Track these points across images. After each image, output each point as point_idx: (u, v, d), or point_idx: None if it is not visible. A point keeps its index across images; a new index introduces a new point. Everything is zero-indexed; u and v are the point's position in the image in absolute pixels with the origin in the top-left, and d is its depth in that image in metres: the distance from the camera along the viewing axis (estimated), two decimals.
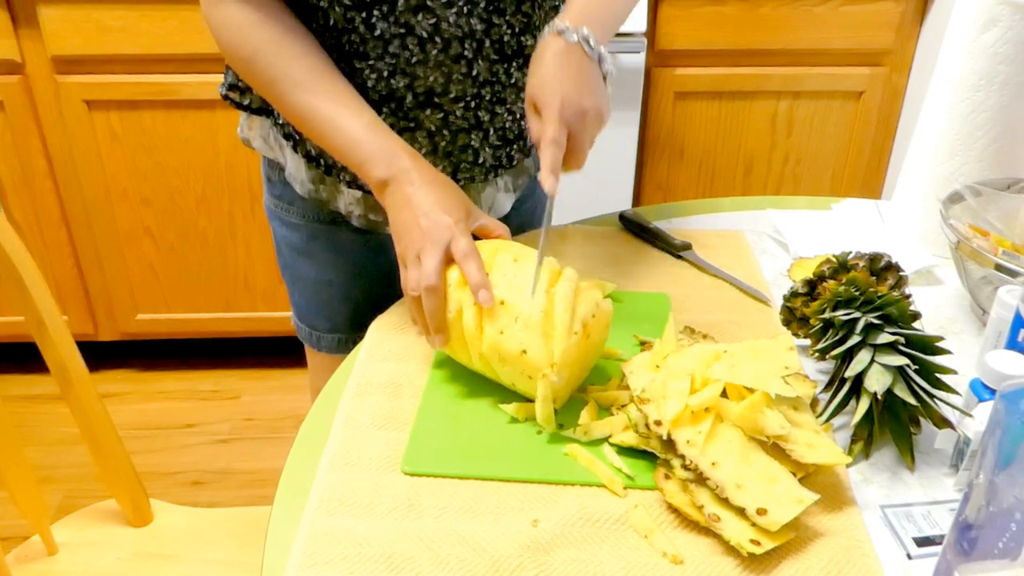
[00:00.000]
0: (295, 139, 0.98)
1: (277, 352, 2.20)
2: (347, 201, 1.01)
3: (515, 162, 1.04)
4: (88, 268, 1.99)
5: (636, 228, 1.10)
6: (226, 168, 1.90)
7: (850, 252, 0.87)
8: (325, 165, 0.99)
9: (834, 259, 0.86)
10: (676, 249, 1.05)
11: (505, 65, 0.94)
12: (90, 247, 1.97)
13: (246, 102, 1.00)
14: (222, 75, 1.03)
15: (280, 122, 0.99)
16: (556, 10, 0.99)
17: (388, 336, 0.92)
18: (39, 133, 1.83)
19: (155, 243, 1.98)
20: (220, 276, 2.03)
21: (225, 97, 1.01)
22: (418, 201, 0.82)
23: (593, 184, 1.91)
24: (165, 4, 1.70)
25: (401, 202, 0.83)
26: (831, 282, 0.84)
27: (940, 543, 0.67)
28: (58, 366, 1.03)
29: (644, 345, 0.88)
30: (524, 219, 1.14)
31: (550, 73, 0.82)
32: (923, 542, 0.68)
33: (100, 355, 2.15)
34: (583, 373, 0.83)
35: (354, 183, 0.99)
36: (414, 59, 0.90)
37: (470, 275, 0.78)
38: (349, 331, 1.12)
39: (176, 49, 1.74)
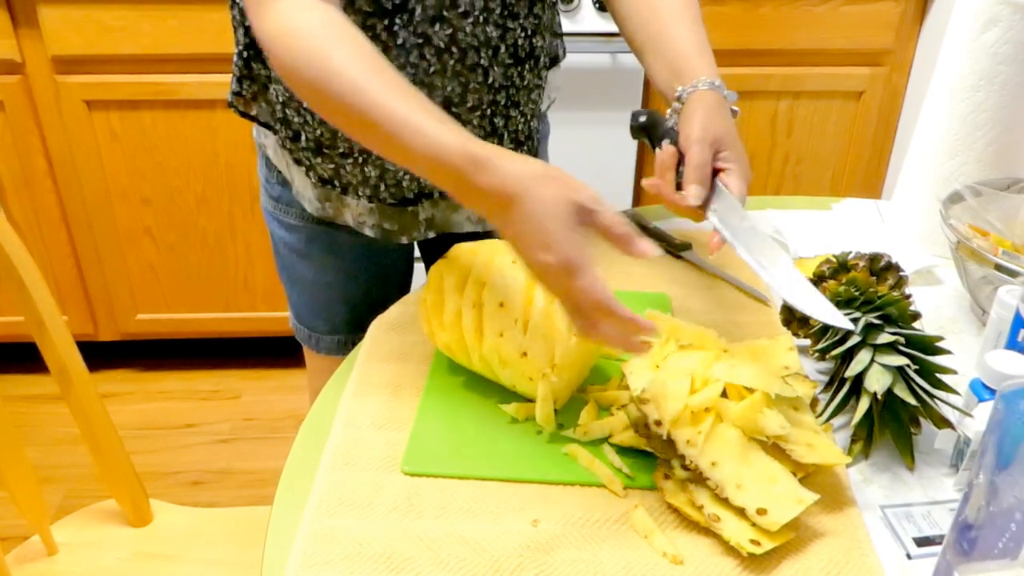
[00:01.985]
0: (307, 164, 0.97)
1: (277, 352, 2.20)
2: (357, 213, 1.00)
3: None
4: (88, 268, 1.99)
5: (636, 228, 1.10)
6: (226, 168, 1.90)
7: (850, 252, 0.87)
8: (340, 186, 0.98)
9: (834, 259, 0.86)
10: (676, 249, 1.05)
11: (519, 68, 0.94)
12: (90, 247, 1.97)
13: (253, 112, 0.99)
14: (222, 75, 1.02)
15: (287, 147, 0.98)
16: (554, 6, 0.99)
17: (388, 336, 0.92)
18: (39, 133, 1.83)
19: (155, 243, 1.98)
20: (220, 276, 2.03)
21: (231, 105, 1.00)
22: (517, 230, 0.68)
23: (593, 184, 1.91)
24: (165, 4, 1.70)
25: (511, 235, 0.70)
26: (831, 282, 0.84)
27: (940, 543, 0.67)
28: (58, 366, 1.03)
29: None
30: None
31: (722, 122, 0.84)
32: (923, 542, 0.68)
33: (100, 355, 2.15)
34: (583, 373, 0.83)
35: (374, 197, 0.98)
36: (432, 69, 0.89)
37: (615, 238, 0.67)
38: (348, 332, 1.12)
39: (176, 49, 1.74)
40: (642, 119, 0.89)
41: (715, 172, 0.81)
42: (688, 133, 0.81)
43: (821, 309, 0.72)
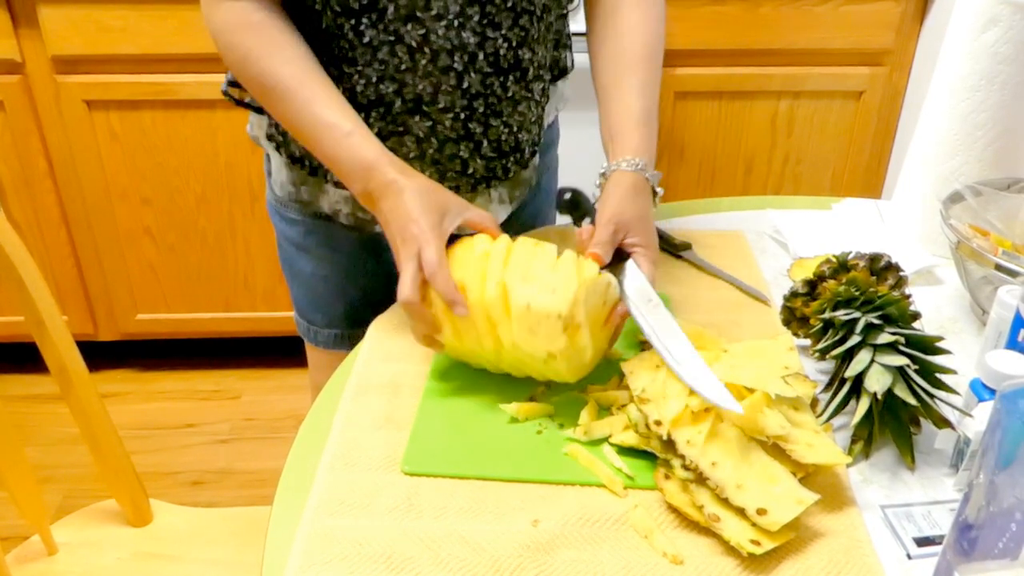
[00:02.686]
0: (278, 141, 0.99)
1: (277, 352, 2.20)
2: (332, 200, 1.02)
3: (511, 174, 1.03)
4: (88, 268, 1.99)
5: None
6: (226, 168, 1.90)
7: (850, 252, 0.87)
8: (310, 166, 0.99)
9: (834, 259, 0.86)
10: (676, 249, 1.05)
11: (501, 78, 0.94)
12: (90, 247, 1.97)
13: (246, 99, 1.01)
14: (222, 75, 1.03)
15: (271, 121, 1.00)
16: (550, 28, 0.98)
17: (388, 336, 0.92)
18: (39, 133, 1.83)
19: (155, 243, 1.98)
20: (220, 276, 2.03)
21: (225, 93, 1.02)
22: (393, 216, 0.82)
23: (593, 184, 1.91)
24: (165, 4, 1.70)
25: (383, 218, 0.84)
26: (831, 282, 0.84)
27: (940, 543, 0.67)
28: (58, 366, 1.03)
29: (644, 345, 0.88)
30: (526, 225, 1.14)
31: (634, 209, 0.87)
32: (923, 542, 0.68)
33: (100, 355, 2.15)
34: (601, 349, 0.82)
35: (341, 184, 0.99)
36: (403, 66, 0.90)
37: (438, 289, 0.77)
38: (346, 327, 1.12)
39: (176, 49, 1.74)
40: (567, 196, 0.95)
41: (628, 255, 0.86)
42: (599, 215, 0.87)
43: (710, 388, 0.72)
